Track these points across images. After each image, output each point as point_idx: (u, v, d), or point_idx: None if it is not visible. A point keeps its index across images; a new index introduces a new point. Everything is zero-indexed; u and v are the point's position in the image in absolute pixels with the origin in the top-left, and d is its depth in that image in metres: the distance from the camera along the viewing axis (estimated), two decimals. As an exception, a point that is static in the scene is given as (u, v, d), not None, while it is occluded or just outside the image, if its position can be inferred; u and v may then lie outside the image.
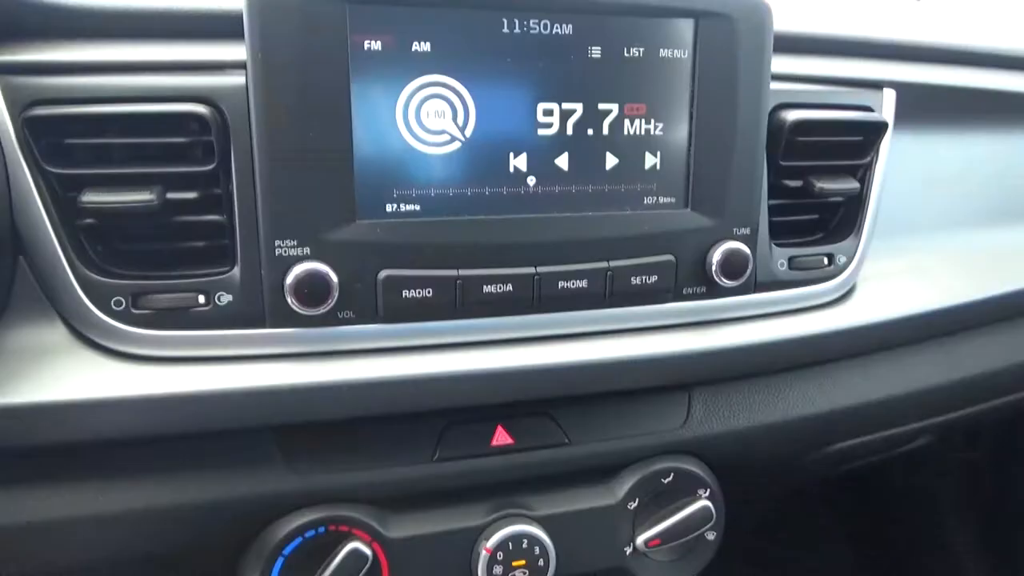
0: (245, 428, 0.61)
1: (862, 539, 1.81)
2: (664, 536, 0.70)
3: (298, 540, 0.62)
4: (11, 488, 0.57)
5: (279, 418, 0.60)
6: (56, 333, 0.58)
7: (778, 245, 0.72)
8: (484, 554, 0.65)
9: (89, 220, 0.57)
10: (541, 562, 0.67)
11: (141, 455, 0.60)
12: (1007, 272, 0.85)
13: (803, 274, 0.73)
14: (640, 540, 0.70)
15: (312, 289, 0.57)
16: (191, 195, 0.58)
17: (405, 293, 0.60)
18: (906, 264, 0.82)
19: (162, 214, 0.57)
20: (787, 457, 0.81)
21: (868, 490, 1.78)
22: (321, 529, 0.62)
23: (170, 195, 0.57)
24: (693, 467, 0.72)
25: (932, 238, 0.86)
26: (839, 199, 0.75)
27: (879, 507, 1.76)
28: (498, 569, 0.66)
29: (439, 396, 0.63)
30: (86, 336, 0.58)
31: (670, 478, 0.71)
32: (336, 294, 0.58)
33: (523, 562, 0.66)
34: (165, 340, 0.58)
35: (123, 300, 0.57)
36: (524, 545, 0.66)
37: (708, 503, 0.71)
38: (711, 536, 0.73)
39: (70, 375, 0.56)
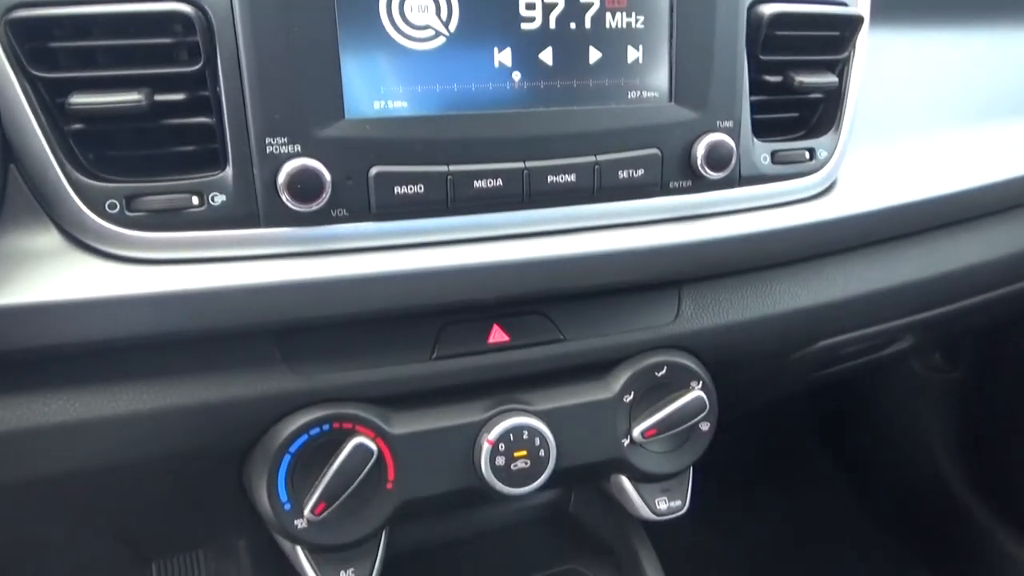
0: (245, 329, 0.61)
1: (850, 469, 1.87)
2: (660, 426, 0.72)
3: (303, 438, 0.63)
4: (16, 393, 0.58)
5: (277, 316, 0.61)
6: (51, 239, 0.58)
7: (761, 140, 0.74)
8: (486, 446, 0.67)
9: (78, 125, 0.57)
10: (542, 452, 0.68)
11: (144, 360, 0.61)
12: (985, 167, 0.87)
13: (786, 168, 0.74)
14: (637, 431, 0.72)
15: (305, 185, 0.58)
16: (179, 96, 0.58)
17: (397, 190, 0.61)
18: (888, 159, 0.83)
19: (151, 117, 0.57)
20: (775, 353, 0.83)
21: (855, 420, 1.83)
22: (326, 427, 0.64)
23: (158, 97, 0.57)
24: (685, 360, 0.74)
25: (915, 134, 0.87)
26: (819, 95, 0.77)
27: (865, 434, 1.81)
28: (500, 460, 0.67)
29: (434, 291, 0.64)
30: (81, 241, 0.58)
31: (663, 371, 0.73)
32: (329, 191, 0.58)
33: (524, 452, 0.68)
34: (160, 242, 0.59)
35: (117, 203, 0.58)
36: (525, 436, 0.68)
37: (701, 394, 0.73)
38: (705, 427, 0.75)
39: (67, 277, 0.56)
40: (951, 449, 1.66)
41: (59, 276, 0.56)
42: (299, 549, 0.67)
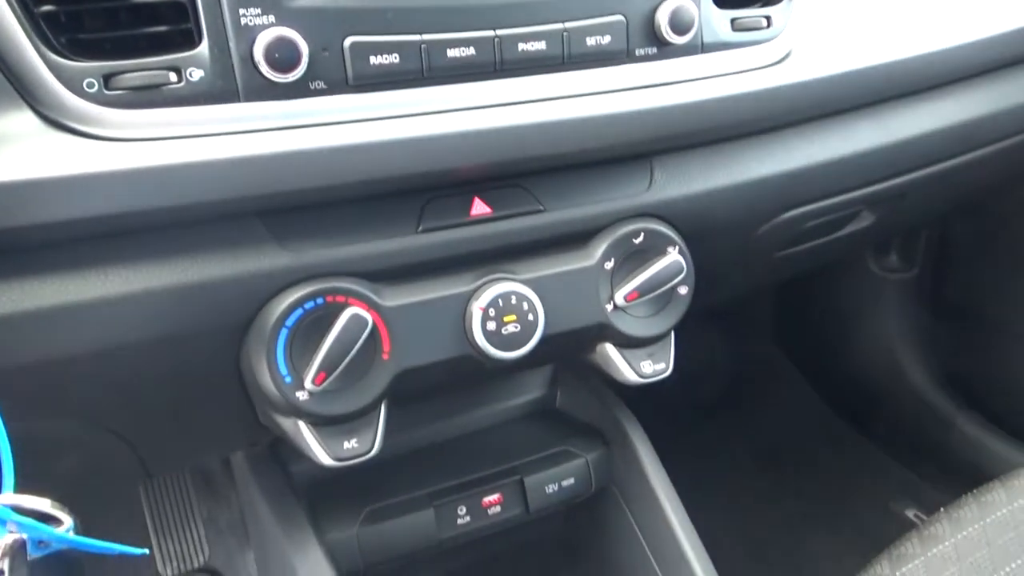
0: (230, 205, 0.62)
1: (816, 375, 1.94)
2: (641, 289, 0.75)
3: (298, 312, 0.65)
4: (12, 277, 0.58)
5: (260, 189, 0.61)
6: (30, 123, 0.58)
7: (720, 8, 0.76)
8: (477, 312, 0.69)
9: (48, 7, 0.57)
10: (530, 317, 0.71)
11: (135, 243, 0.61)
12: (939, 35, 0.91)
13: (745, 36, 0.77)
14: (619, 296, 0.75)
15: (282, 54, 0.59)
16: (147, -28, 0.58)
17: (372, 60, 0.62)
18: (844, 28, 0.86)
19: (119, -6, 0.57)
20: (743, 222, 0.87)
21: (817, 328, 1.90)
22: (319, 300, 0.65)
23: (126, -27, 0.57)
24: (660, 227, 0.77)
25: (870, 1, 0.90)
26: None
27: (828, 340, 1.88)
28: (491, 325, 0.70)
29: (413, 160, 0.65)
30: (62, 123, 0.58)
31: (640, 238, 0.76)
32: (305, 61, 0.59)
33: (514, 317, 0.70)
34: (141, 120, 0.59)
35: (95, 82, 0.58)
36: (513, 302, 0.70)
37: (678, 257, 0.76)
38: (683, 290, 0.79)
39: (50, 156, 0.56)
40: (910, 345, 1.73)
41: (41, 156, 0.56)
42: (302, 425, 0.68)
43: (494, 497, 0.90)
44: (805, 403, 1.93)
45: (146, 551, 0.52)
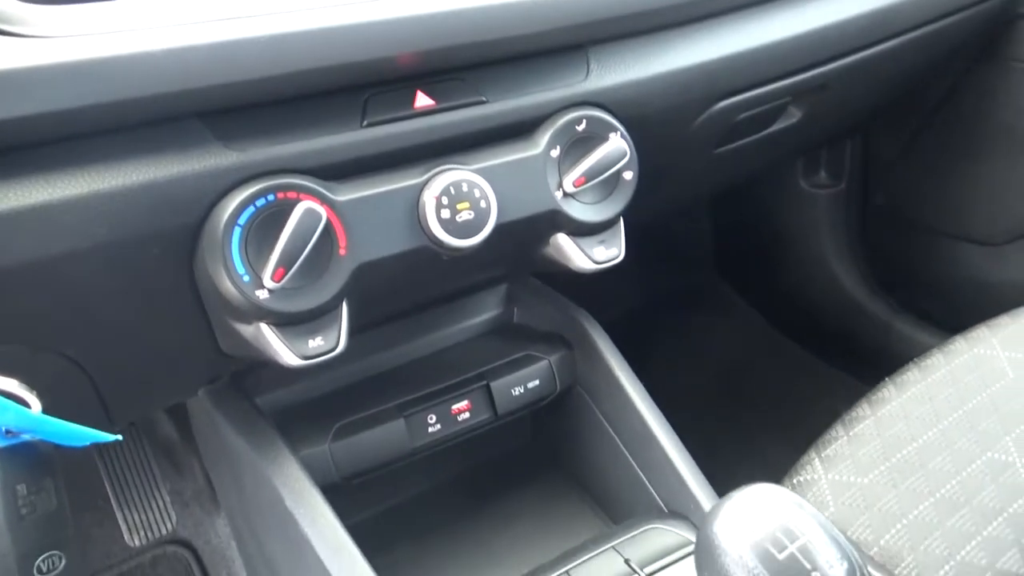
0: (169, 106, 0.61)
1: (757, 296, 2.01)
2: (587, 174, 0.77)
3: (250, 210, 0.64)
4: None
5: (198, 80, 0.60)
6: (-53, 27, 0.56)
7: None
8: (431, 201, 0.70)
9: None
10: (483, 203, 0.72)
11: (79, 146, 0.59)
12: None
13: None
14: (567, 181, 0.77)
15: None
16: None
17: (301, -55, 0.62)
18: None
19: None
20: (680, 112, 0.89)
21: (752, 248, 1.96)
22: (271, 197, 0.64)
23: None
24: (601, 114, 0.79)
25: None
26: None
27: (765, 259, 1.94)
28: (446, 213, 0.70)
29: (352, 46, 0.65)
30: (-16, 24, 0.56)
31: (583, 125, 0.78)
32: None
33: (467, 204, 0.71)
34: (67, 17, 0.58)
35: (12, -23, 0.56)
36: (465, 189, 0.71)
37: (621, 141, 0.78)
38: (628, 175, 0.81)
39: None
40: (844, 257, 1.81)
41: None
42: (264, 327, 0.68)
43: (463, 404, 0.91)
44: (751, 326, 2.00)
45: (119, 436, 0.51)
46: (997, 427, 0.91)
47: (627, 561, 0.76)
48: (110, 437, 0.50)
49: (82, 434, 0.49)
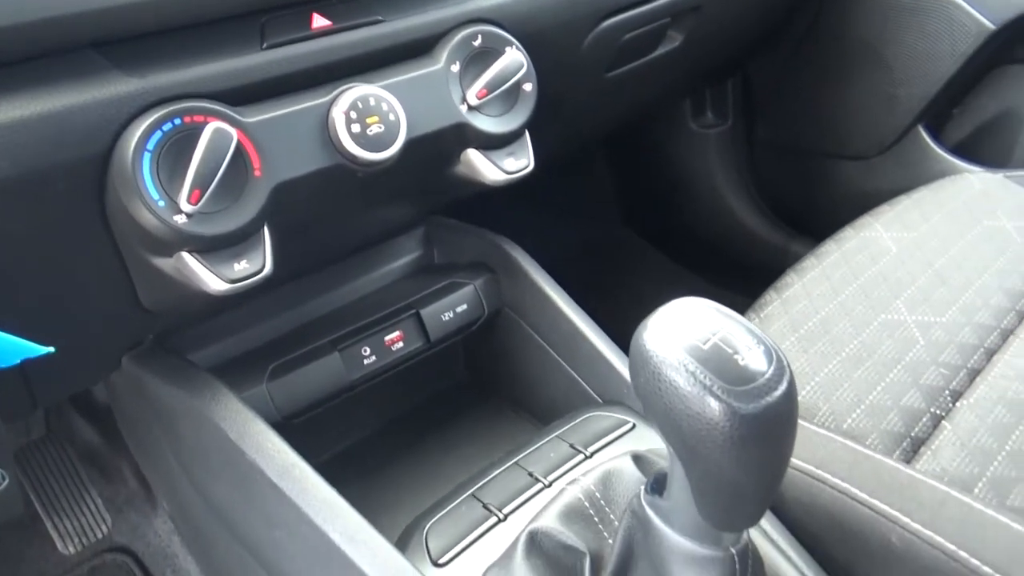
0: (59, 35, 0.60)
1: (656, 232, 2.10)
2: (488, 86, 0.80)
3: (157, 135, 0.63)
4: None
5: (89, 2, 0.60)
6: None
7: None
8: (340, 117, 0.71)
9: None
10: (392, 116, 0.73)
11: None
12: None
13: None
14: (470, 94, 0.80)
15: None
16: None
17: None
18: None
19: None
20: (569, 28, 0.94)
21: (649, 188, 2.05)
22: (177, 120, 0.64)
23: None
24: (495, 29, 0.82)
25: None
26: None
27: (661, 198, 2.03)
28: (356, 127, 0.72)
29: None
30: None
31: (479, 40, 0.81)
32: None
33: (376, 119, 0.73)
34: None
35: None
36: (372, 103, 0.72)
37: (517, 53, 0.81)
38: (528, 87, 0.84)
39: None
40: (737, 190, 1.92)
41: None
42: (186, 256, 0.67)
43: (395, 334, 0.93)
44: (662, 271, 2.08)
45: (51, 349, 0.50)
46: (887, 293, 1.00)
47: (572, 445, 0.79)
48: (42, 349, 0.49)
49: (12, 346, 0.48)
